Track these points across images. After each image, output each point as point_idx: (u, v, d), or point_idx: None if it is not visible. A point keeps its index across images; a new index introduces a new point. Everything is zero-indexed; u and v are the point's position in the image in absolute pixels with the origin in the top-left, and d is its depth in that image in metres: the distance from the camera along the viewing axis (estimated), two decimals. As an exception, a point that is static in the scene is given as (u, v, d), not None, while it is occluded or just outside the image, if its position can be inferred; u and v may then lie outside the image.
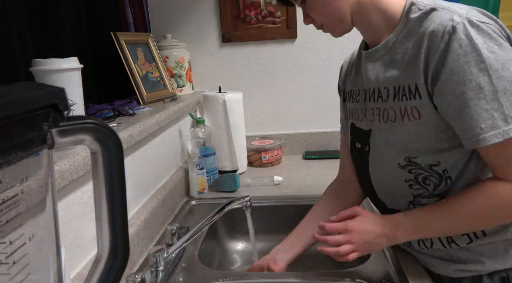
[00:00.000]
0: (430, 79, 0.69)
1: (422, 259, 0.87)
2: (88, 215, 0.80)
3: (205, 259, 1.00)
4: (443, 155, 0.73)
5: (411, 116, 0.73)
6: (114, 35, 1.31)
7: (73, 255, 0.76)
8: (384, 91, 0.77)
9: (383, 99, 0.78)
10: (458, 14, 0.66)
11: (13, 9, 0.89)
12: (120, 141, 0.33)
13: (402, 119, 0.74)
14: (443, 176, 0.75)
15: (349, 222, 0.77)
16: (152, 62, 1.49)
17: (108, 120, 1.06)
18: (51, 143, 0.29)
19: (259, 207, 1.23)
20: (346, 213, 0.80)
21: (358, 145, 0.88)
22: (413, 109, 0.73)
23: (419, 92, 0.71)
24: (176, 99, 1.48)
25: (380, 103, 0.79)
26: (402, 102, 0.74)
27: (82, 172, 0.73)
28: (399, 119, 0.75)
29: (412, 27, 0.72)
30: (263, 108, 1.80)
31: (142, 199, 1.09)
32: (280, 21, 1.70)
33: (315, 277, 0.88)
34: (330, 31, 0.84)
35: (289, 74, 1.76)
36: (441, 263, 0.82)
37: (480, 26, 0.65)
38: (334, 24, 0.81)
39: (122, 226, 0.35)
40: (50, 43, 1.04)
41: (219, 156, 1.52)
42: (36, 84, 0.29)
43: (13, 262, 0.28)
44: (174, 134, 1.38)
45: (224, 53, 1.76)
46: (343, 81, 0.96)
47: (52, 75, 0.78)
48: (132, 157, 1.03)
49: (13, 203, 0.27)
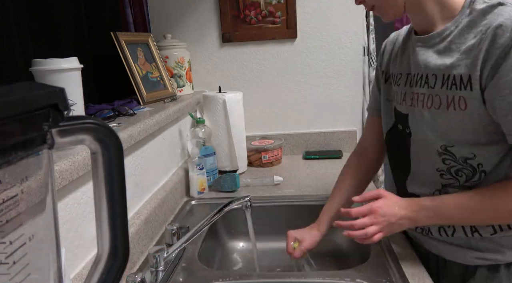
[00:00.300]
0: (486, 73, 0.69)
1: (435, 246, 0.88)
2: (88, 215, 0.80)
3: (205, 259, 1.00)
4: (480, 149, 0.74)
5: (457, 106, 0.73)
6: (114, 35, 1.31)
7: (73, 255, 0.76)
8: (432, 78, 0.77)
9: (430, 85, 0.78)
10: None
11: (13, 9, 0.89)
12: (120, 141, 0.33)
13: (447, 108, 0.75)
14: (477, 169, 0.77)
15: (374, 204, 0.79)
16: (152, 62, 1.49)
17: (108, 120, 1.06)
18: (51, 143, 0.29)
19: (259, 207, 1.23)
20: (369, 194, 0.83)
21: (400, 126, 0.88)
22: (460, 100, 0.73)
23: (471, 84, 0.71)
24: (176, 99, 1.48)
25: (426, 89, 0.79)
26: (451, 91, 0.74)
27: (82, 172, 0.73)
28: (444, 107, 0.75)
29: (475, 19, 0.71)
30: (263, 108, 1.80)
31: (142, 199, 1.09)
32: (280, 21, 1.70)
33: (315, 277, 0.88)
34: (380, 14, 0.82)
35: (289, 74, 1.76)
36: (460, 250, 0.83)
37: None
38: (386, 7, 0.80)
39: (122, 226, 0.35)
40: (50, 43, 1.04)
41: (219, 156, 1.52)
42: (36, 84, 0.29)
43: (13, 262, 0.28)
44: (174, 134, 1.38)
45: (224, 53, 1.76)
46: (386, 63, 0.96)
47: (52, 75, 0.78)
48: (132, 157, 1.03)
49: (13, 203, 0.27)
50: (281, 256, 1.21)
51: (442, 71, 0.75)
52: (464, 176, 0.78)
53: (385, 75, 0.96)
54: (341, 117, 1.75)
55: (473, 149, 0.75)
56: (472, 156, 0.76)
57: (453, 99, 0.74)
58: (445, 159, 0.78)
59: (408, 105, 0.84)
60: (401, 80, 0.87)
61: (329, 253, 1.20)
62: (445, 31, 0.75)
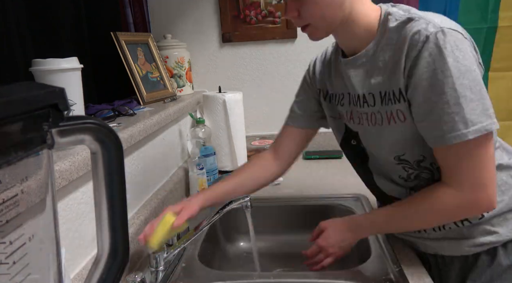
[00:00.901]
0: (405, 84, 0.73)
1: (431, 246, 0.89)
2: (88, 215, 0.80)
3: (205, 259, 1.00)
4: (425, 149, 0.77)
5: (397, 119, 0.77)
6: (114, 35, 1.31)
7: (73, 255, 0.76)
8: (370, 97, 0.80)
9: (369, 104, 0.81)
10: (433, 23, 0.70)
11: (13, 9, 0.89)
12: (120, 141, 0.33)
13: (389, 122, 0.79)
14: (432, 168, 0.80)
15: (319, 242, 0.90)
16: (152, 62, 1.49)
17: (108, 120, 1.06)
18: (51, 143, 0.29)
19: (259, 207, 1.23)
20: (315, 233, 0.93)
21: (354, 141, 0.92)
22: (398, 112, 0.77)
23: (403, 96, 0.75)
24: (176, 99, 1.48)
25: (367, 108, 0.82)
26: (388, 106, 0.78)
27: (82, 172, 0.73)
28: (385, 122, 0.79)
29: (390, 36, 0.75)
30: (263, 108, 1.80)
31: (142, 199, 1.09)
32: (280, 21, 1.70)
33: (315, 277, 0.88)
34: (311, 33, 0.82)
35: (289, 74, 1.76)
36: (455, 243, 0.84)
37: (450, 35, 0.68)
38: (321, 28, 0.80)
39: (122, 226, 0.35)
40: (50, 43, 1.04)
41: (219, 155, 1.51)
42: (36, 84, 0.29)
43: (13, 262, 0.28)
44: (174, 134, 1.38)
45: (224, 53, 1.76)
46: (320, 82, 0.97)
47: (52, 75, 0.78)
48: (132, 157, 1.03)
49: (13, 203, 0.27)
50: (281, 256, 1.21)
51: (378, 89, 0.78)
52: (424, 180, 0.82)
53: (323, 93, 0.98)
54: (341, 117, 1.74)
55: (420, 150, 0.79)
56: (422, 158, 0.80)
57: (391, 113, 0.78)
58: (404, 166, 0.83)
59: (356, 123, 0.87)
60: (344, 100, 0.89)
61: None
62: (368, 51, 0.79)
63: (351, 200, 1.24)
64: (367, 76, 0.80)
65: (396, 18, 0.75)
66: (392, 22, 0.75)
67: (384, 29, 0.76)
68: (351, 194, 1.25)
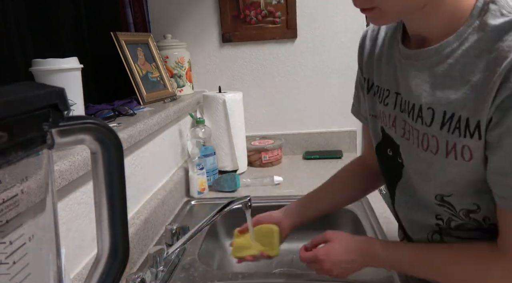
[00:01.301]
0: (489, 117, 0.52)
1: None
2: (88, 215, 0.80)
3: (205, 259, 1.00)
4: (484, 197, 0.58)
5: (459, 156, 0.56)
6: (114, 35, 1.31)
7: (73, 255, 0.76)
8: (428, 112, 0.59)
9: (425, 121, 0.59)
10: None
11: (13, 9, 0.89)
12: (120, 141, 0.33)
13: (447, 155, 0.58)
14: (483, 224, 0.61)
15: (319, 251, 0.74)
16: (152, 62, 1.49)
17: (108, 120, 1.06)
18: (51, 143, 0.29)
19: (259, 207, 1.23)
20: (317, 240, 0.78)
21: (390, 152, 0.72)
22: (464, 149, 0.55)
23: (479, 131, 0.53)
24: (176, 99, 1.48)
25: (420, 125, 0.60)
26: (453, 135, 0.56)
27: (82, 172, 0.73)
28: (442, 154, 0.58)
29: (486, 37, 0.52)
30: (263, 108, 1.80)
31: (142, 199, 1.09)
32: (280, 21, 1.70)
33: (315, 277, 0.88)
34: (377, 18, 0.59)
35: (289, 74, 1.76)
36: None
37: None
38: (392, 13, 0.57)
39: (122, 226, 0.35)
40: (50, 43, 1.04)
41: (219, 155, 1.51)
42: (36, 84, 0.29)
43: (13, 262, 0.28)
44: (174, 134, 1.38)
45: (224, 53, 1.76)
46: (367, 67, 0.77)
47: (52, 75, 0.78)
48: (132, 157, 1.03)
49: (13, 203, 0.27)
50: (281, 256, 1.21)
51: (443, 106, 0.56)
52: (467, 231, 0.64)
53: (367, 83, 0.77)
54: (341, 117, 1.75)
55: (475, 197, 0.59)
56: (475, 208, 0.60)
57: (454, 146, 0.56)
58: (443, 209, 0.64)
59: (400, 135, 0.67)
60: (389, 99, 0.69)
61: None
62: (444, 47, 0.56)
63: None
64: (433, 83, 0.58)
65: (503, 12, 0.51)
66: (494, 17, 0.52)
67: (478, 24, 0.53)
68: (351, 194, 1.25)
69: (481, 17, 0.53)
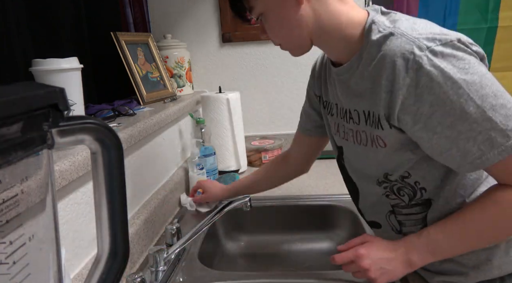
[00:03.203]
0: (395, 115, 0.65)
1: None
2: (88, 215, 0.80)
3: (205, 259, 1.00)
4: (413, 168, 0.72)
5: (378, 144, 0.72)
6: (114, 35, 1.31)
7: (73, 255, 0.76)
8: (355, 114, 0.75)
9: (355, 121, 0.76)
10: (418, 45, 0.61)
11: (13, 9, 0.89)
12: (120, 141, 0.33)
13: (372, 144, 0.73)
14: (415, 187, 0.74)
15: (360, 249, 0.74)
16: (152, 62, 1.49)
17: (108, 120, 1.06)
18: (51, 143, 0.29)
19: (259, 207, 1.23)
20: (354, 241, 0.77)
21: (336, 156, 0.90)
22: (378, 138, 0.71)
23: (381, 124, 0.69)
24: (176, 99, 1.48)
25: (352, 125, 0.77)
26: (371, 128, 0.72)
27: (82, 172, 0.73)
28: (369, 144, 0.74)
29: (371, 50, 0.67)
30: (263, 108, 1.80)
31: (142, 199, 1.09)
32: (280, 21, 1.70)
33: (315, 277, 0.88)
34: (288, 50, 0.79)
35: (289, 74, 1.76)
36: (425, 274, 0.81)
37: (443, 52, 0.60)
38: (293, 47, 0.78)
39: (122, 226, 0.35)
40: (50, 43, 1.04)
41: (223, 155, 1.52)
42: (36, 84, 0.29)
43: (13, 262, 0.28)
44: (174, 134, 1.38)
45: (224, 53, 1.76)
46: (319, 86, 0.92)
47: (52, 75, 0.78)
48: (132, 157, 1.03)
49: (13, 203, 0.27)
50: (281, 256, 1.21)
51: (362, 107, 0.72)
52: (406, 196, 0.75)
53: (322, 100, 0.91)
54: (341, 117, 1.74)
55: (407, 168, 0.73)
56: (407, 174, 0.73)
57: (372, 137, 0.72)
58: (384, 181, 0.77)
59: (341, 137, 0.82)
60: (333, 110, 0.84)
61: (329, 253, 1.20)
62: (351, 65, 0.72)
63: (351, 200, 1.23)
64: (351, 92, 0.74)
65: (379, 29, 0.67)
66: (374, 34, 0.67)
67: (367, 41, 0.68)
68: (351, 194, 1.26)
69: (367, 37, 0.68)
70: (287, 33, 0.74)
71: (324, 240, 1.24)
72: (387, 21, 0.68)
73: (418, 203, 0.76)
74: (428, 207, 0.75)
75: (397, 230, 0.81)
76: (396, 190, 0.76)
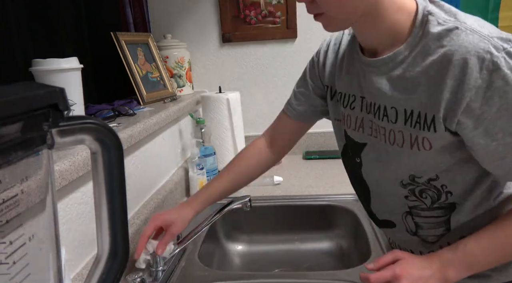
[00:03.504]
0: (456, 118, 0.60)
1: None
2: (88, 215, 0.80)
3: (205, 259, 1.00)
4: (443, 171, 0.69)
5: (421, 146, 0.66)
6: (114, 35, 1.31)
7: (73, 255, 0.76)
8: (392, 111, 0.68)
9: (390, 119, 0.68)
10: (494, 45, 0.56)
11: (13, 9, 0.89)
12: (120, 141, 0.33)
13: (411, 147, 0.67)
14: (441, 190, 0.71)
15: (396, 268, 0.67)
16: (152, 62, 1.49)
17: (108, 120, 1.06)
18: (51, 143, 0.29)
19: (259, 207, 1.23)
20: (384, 260, 0.70)
21: (350, 153, 0.81)
22: (424, 140, 0.65)
23: (435, 125, 0.62)
24: (176, 99, 1.48)
25: (386, 123, 0.69)
26: (414, 129, 0.65)
27: (82, 172, 0.73)
28: (407, 146, 0.67)
29: (429, 43, 0.61)
30: (263, 108, 1.80)
31: (142, 199, 1.09)
32: (280, 21, 1.70)
33: (315, 277, 0.88)
34: (326, 23, 0.69)
35: (289, 74, 1.76)
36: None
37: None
38: (338, 18, 0.66)
39: (122, 226, 0.35)
40: (50, 43, 1.04)
41: (223, 155, 1.52)
42: (36, 84, 0.29)
43: (13, 262, 0.28)
44: (174, 134, 1.38)
45: (224, 53, 1.76)
46: (329, 76, 0.84)
47: (52, 75, 0.78)
48: (132, 157, 1.03)
49: (13, 203, 0.27)
50: (281, 256, 1.21)
51: (403, 106, 0.66)
52: (428, 198, 0.72)
53: (330, 91, 0.84)
54: (341, 117, 1.74)
55: (439, 171, 0.69)
56: (435, 177, 0.69)
57: (416, 138, 0.66)
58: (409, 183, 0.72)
59: (368, 134, 0.74)
60: (355, 103, 0.76)
61: (329, 253, 1.20)
62: (397, 55, 0.65)
63: (351, 200, 1.24)
64: (391, 86, 0.67)
65: (439, 21, 0.61)
66: (433, 26, 0.61)
67: (421, 33, 0.62)
68: (351, 194, 1.25)
69: (423, 28, 0.62)
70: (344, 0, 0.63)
71: (324, 240, 1.24)
72: (442, 13, 0.62)
73: (441, 206, 0.72)
74: (452, 210, 0.72)
75: (412, 232, 0.77)
76: (418, 192, 0.72)
